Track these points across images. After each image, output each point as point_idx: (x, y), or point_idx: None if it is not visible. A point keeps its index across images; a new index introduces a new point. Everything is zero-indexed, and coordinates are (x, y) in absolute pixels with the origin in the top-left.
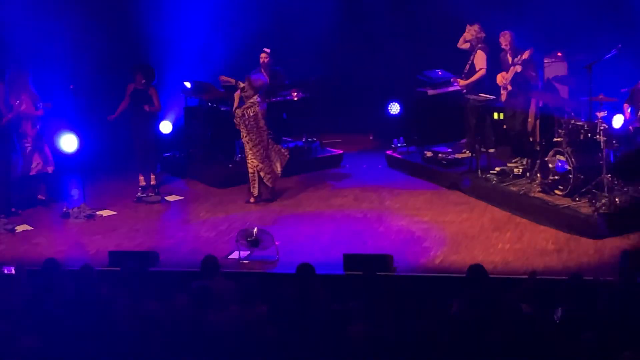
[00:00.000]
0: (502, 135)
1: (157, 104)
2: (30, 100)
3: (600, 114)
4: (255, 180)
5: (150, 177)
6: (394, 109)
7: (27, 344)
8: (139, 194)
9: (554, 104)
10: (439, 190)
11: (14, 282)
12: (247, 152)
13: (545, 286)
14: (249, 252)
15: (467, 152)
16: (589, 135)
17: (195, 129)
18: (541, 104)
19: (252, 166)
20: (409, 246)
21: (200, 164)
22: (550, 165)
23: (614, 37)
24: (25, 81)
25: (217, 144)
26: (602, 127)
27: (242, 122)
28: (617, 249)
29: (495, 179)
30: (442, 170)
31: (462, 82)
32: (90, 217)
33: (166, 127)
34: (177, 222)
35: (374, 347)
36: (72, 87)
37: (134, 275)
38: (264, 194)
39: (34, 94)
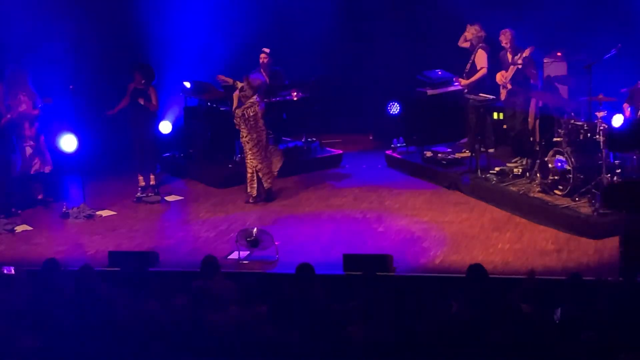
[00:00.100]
0: (502, 135)
1: (155, 103)
2: (29, 100)
3: (599, 114)
4: (253, 180)
5: (149, 177)
6: (394, 109)
7: (27, 344)
8: (139, 194)
9: (553, 104)
10: (439, 190)
11: (13, 283)
12: (247, 152)
13: (545, 286)
14: (248, 252)
15: (466, 152)
16: (589, 135)
17: (195, 129)
18: (541, 104)
19: (251, 166)
20: (408, 246)
21: (200, 164)
22: (550, 165)
23: (614, 37)
24: (24, 81)
25: (216, 144)
26: (601, 127)
27: (242, 122)
28: (617, 249)
29: (495, 179)
30: (442, 170)
31: (464, 82)
32: (89, 217)
33: (166, 127)
34: (177, 222)
35: (374, 347)
36: (71, 87)
37: (133, 275)
38: (261, 194)
39: (33, 93)
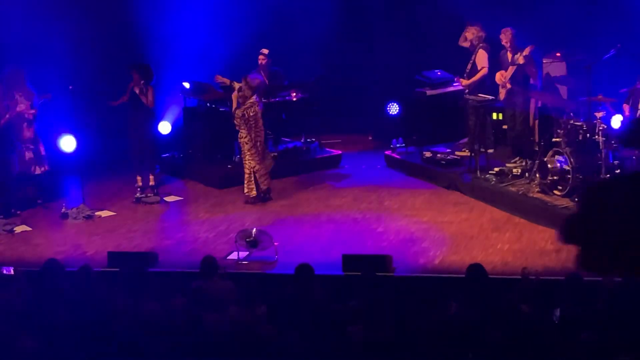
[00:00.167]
0: (501, 135)
1: (151, 100)
2: (26, 100)
3: (599, 114)
4: (251, 181)
5: (149, 177)
6: (393, 109)
7: (26, 345)
8: (138, 195)
9: (552, 104)
10: (438, 190)
11: (13, 283)
12: (245, 152)
13: (544, 286)
14: (248, 253)
15: (466, 150)
16: (588, 135)
17: (194, 130)
18: (540, 104)
19: (248, 167)
20: (408, 246)
21: (199, 165)
22: (549, 165)
23: (613, 37)
24: (21, 81)
25: (216, 144)
26: (601, 127)
27: (242, 122)
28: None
29: (494, 179)
30: (441, 170)
31: (465, 82)
32: (89, 217)
33: (165, 127)
34: (176, 223)
35: (374, 347)
36: (71, 87)
37: (133, 275)
38: (260, 194)
39: (31, 93)
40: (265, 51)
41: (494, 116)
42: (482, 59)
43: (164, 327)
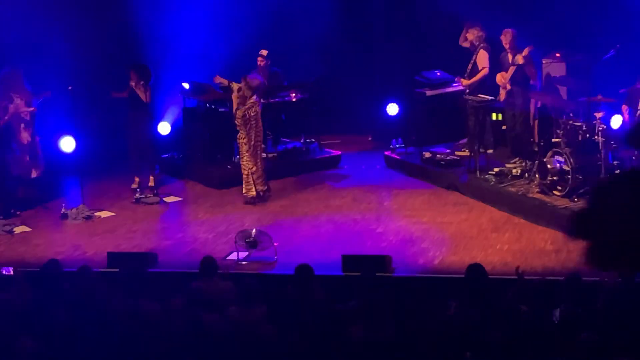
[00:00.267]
0: (501, 135)
1: (147, 96)
2: (24, 101)
3: (598, 115)
4: (249, 182)
5: (149, 178)
6: (393, 109)
7: (26, 345)
8: (137, 195)
9: (552, 105)
10: (438, 190)
11: (13, 283)
12: (243, 153)
13: (543, 287)
14: (247, 253)
15: (465, 151)
16: (588, 135)
17: (193, 130)
18: (539, 105)
19: (246, 168)
20: (407, 247)
21: (198, 165)
22: (548, 165)
23: (613, 38)
24: (19, 82)
25: (215, 145)
26: (600, 128)
27: (243, 123)
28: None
29: (493, 179)
30: (441, 170)
31: (465, 82)
32: (88, 218)
33: (164, 128)
34: (176, 223)
35: (373, 347)
36: (70, 88)
37: (132, 276)
38: (258, 194)
39: (28, 93)
40: (264, 53)
41: (494, 117)
42: (483, 59)
43: (164, 328)
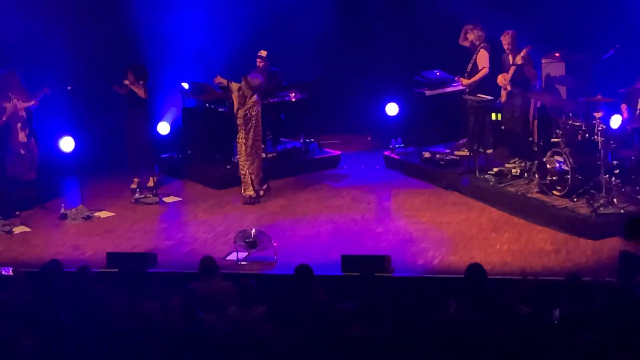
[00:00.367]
0: (500, 135)
1: (145, 94)
2: (21, 101)
3: (597, 115)
4: (248, 182)
5: (148, 178)
6: (392, 109)
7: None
8: (137, 195)
9: (551, 105)
10: (437, 190)
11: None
12: (242, 153)
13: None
14: (247, 254)
15: (465, 151)
16: (587, 135)
17: (193, 130)
18: (539, 105)
19: (243, 168)
20: (407, 247)
21: (198, 165)
22: (548, 165)
23: (612, 38)
24: (16, 83)
25: (215, 145)
26: (600, 128)
27: (244, 122)
28: (615, 249)
29: (493, 179)
30: (440, 170)
31: (465, 82)
32: (88, 218)
33: (164, 128)
34: (175, 224)
35: (372, 347)
36: (69, 88)
37: (132, 276)
38: (258, 194)
39: (26, 93)
40: (263, 54)
41: (493, 116)
42: (483, 59)
43: (163, 328)
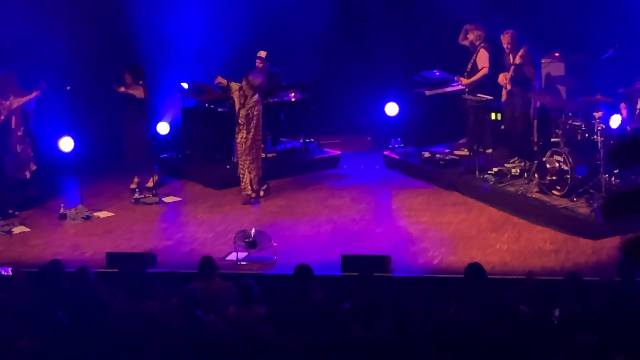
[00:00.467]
0: (500, 135)
1: (143, 93)
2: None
3: (597, 114)
4: (247, 182)
5: (148, 179)
6: (392, 109)
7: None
8: (137, 195)
9: (551, 105)
10: (437, 190)
11: (12, 283)
12: (241, 153)
13: (543, 287)
14: (246, 254)
15: (465, 151)
16: (587, 135)
17: (192, 130)
18: (538, 105)
19: (243, 167)
20: (406, 247)
21: (197, 165)
22: (547, 165)
23: (612, 38)
24: (13, 83)
25: (214, 145)
26: (599, 127)
27: (246, 122)
28: (615, 249)
29: (493, 179)
30: (440, 170)
31: (465, 81)
32: (87, 218)
33: (163, 128)
34: (175, 224)
35: (372, 347)
36: (69, 88)
37: (131, 276)
38: (257, 194)
39: (23, 93)
40: (262, 54)
41: (493, 116)
42: (483, 58)
43: (163, 328)
